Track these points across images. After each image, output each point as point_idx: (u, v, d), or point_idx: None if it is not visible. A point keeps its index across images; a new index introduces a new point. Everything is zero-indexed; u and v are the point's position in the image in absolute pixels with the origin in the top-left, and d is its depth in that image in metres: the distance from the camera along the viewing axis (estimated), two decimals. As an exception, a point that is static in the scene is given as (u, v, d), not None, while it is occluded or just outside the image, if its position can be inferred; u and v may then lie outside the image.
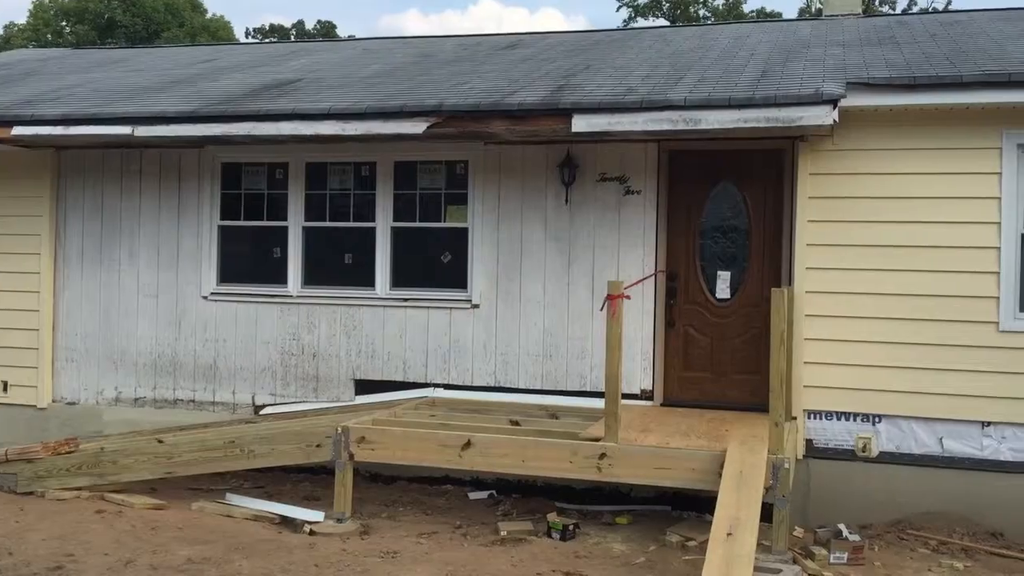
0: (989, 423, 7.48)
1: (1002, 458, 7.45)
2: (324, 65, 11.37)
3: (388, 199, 9.23)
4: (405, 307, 9.11)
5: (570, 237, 8.77)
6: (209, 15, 43.76)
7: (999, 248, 7.45)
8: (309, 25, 48.01)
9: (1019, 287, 7.44)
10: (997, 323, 7.45)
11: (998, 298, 7.44)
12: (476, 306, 8.93)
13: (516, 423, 7.90)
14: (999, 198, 7.47)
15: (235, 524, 7.37)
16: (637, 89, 8.24)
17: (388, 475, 8.65)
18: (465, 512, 7.80)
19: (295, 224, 9.44)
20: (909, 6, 28.09)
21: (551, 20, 47.08)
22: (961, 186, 7.55)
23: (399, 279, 9.19)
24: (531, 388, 8.75)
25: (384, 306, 9.16)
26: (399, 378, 9.07)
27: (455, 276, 9.05)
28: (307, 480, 8.68)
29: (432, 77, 9.86)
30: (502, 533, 7.06)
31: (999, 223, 7.46)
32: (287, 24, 48.29)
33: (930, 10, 25.11)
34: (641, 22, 30.06)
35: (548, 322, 8.78)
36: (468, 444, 7.11)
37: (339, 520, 7.29)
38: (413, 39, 14.07)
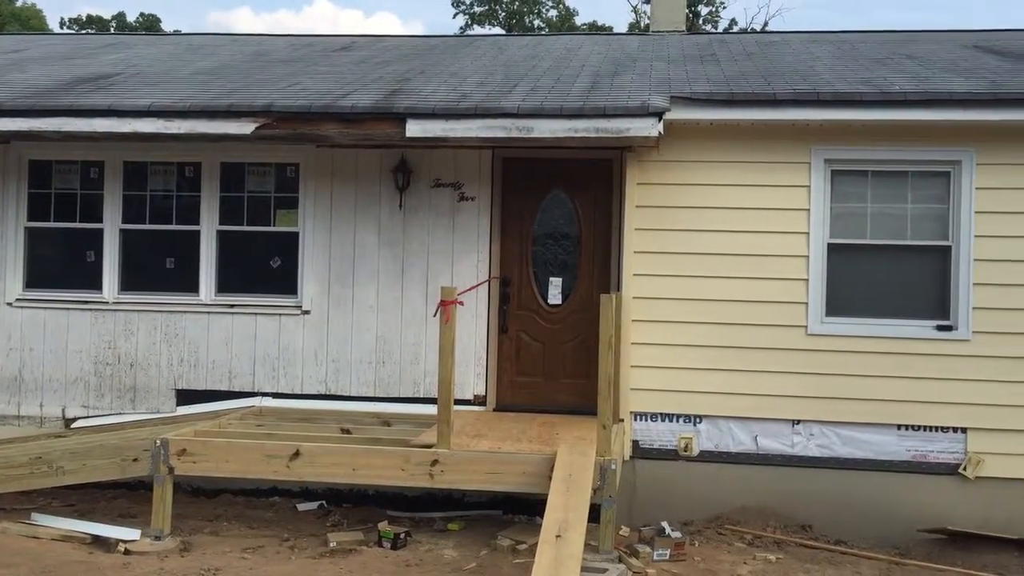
0: (799, 421, 7.94)
1: (811, 454, 7.92)
2: (145, 60, 10.83)
3: (214, 201, 8.87)
4: (232, 314, 8.77)
5: (404, 242, 8.70)
6: (20, 3, 40.91)
7: (808, 257, 7.92)
8: (131, 17, 45.69)
9: (826, 293, 7.93)
10: (806, 327, 7.91)
11: (807, 303, 7.92)
12: (307, 312, 8.71)
13: (347, 431, 7.75)
14: (808, 210, 7.94)
15: (41, 546, 6.87)
16: (472, 96, 8.28)
17: (212, 489, 8.30)
18: (293, 524, 7.58)
19: (111, 226, 8.93)
20: (730, 25, 29.61)
21: (387, 24, 46.82)
22: (774, 198, 7.98)
23: (226, 285, 8.86)
24: (364, 395, 8.62)
25: (209, 313, 8.80)
26: (225, 387, 8.73)
27: (285, 281, 8.80)
28: (124, 496, 8.21)
29: (262, 77, 9.56)
30: (331, 544, 6.90)
31: (808, 233, 7.93)
32: (106, 16, 45.78)
33: (748, 30, 26.55)
34: (477, 30, 30.32)
35: (382, 328, 8.67)
36: (296, 454, 6.91)
37: (157, 537, 6.92)
38: (243, 37, 13.62)
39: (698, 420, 8.05)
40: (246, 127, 7.90)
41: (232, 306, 8.78)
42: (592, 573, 6.11)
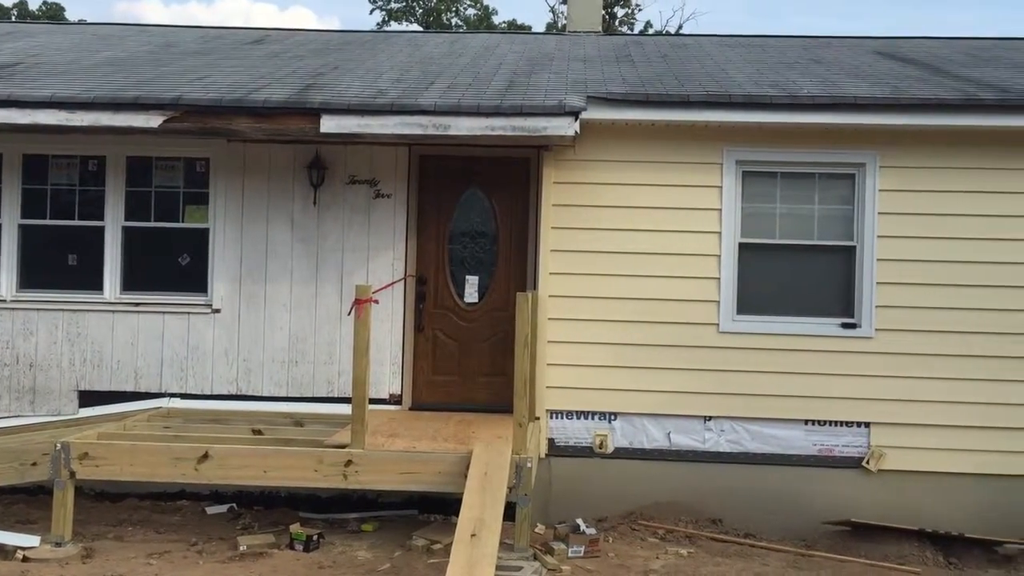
0: (710, 417, 8.08)
1: (722, 449, 8.08)
2: (48, 49, 10.43)
3: (119, 196, 8.60)
4: (138, 312, 8.51)
5: (319, 240, 8.57)
6: (-87, -13, 39.00)
7: (719, 256, 8.07)
8: (33, 6, 43.98)
9: (737, 291, 8.10)
10: (718, 325, 8.06)
11: (719, 302, 8.06)
12: (217, 311, 8.50)
13: (259, 432, 7.59)
14: (720, 209, 8.09)
15: (-68, 556, 6.55)
16: (388, 92, 8.19)
17: (117, 493, 8.04)
18: (202, 528, 7.39)
19: (9, 221, 8.58)
20: (645, 28, 30.01)
21: (302, 19, 46.09)
22: (688, 198, 8.11)
23: (132, 282, 8.59)
24: (276, 395, 8.46)
25: (114, 311, 8.52)
26: (130, 388, 8.46)
27: (195, 279, 8.58)
28: (23, 502, 7.88)
29: (171, 69, 9.30)
30: (242, 548, 6.75)
31: (720, 232, 8.08)
32: (7, 3, 43.97)
33: (663, 32, 26.97)
34: (394, 26, 30.09)
35: (295, 327, 8.52)
36: (205, 456, 6.74)
37: (58, 544, 6.67)
38: (152, 28, 13.25)
39: (613, 417, 8.13)
40: (153, 120, 7.67)
41: (138, 304, 8.52)
42: (507, 571, 6.11)
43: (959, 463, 7.89)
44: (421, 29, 28.34)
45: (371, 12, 31.33)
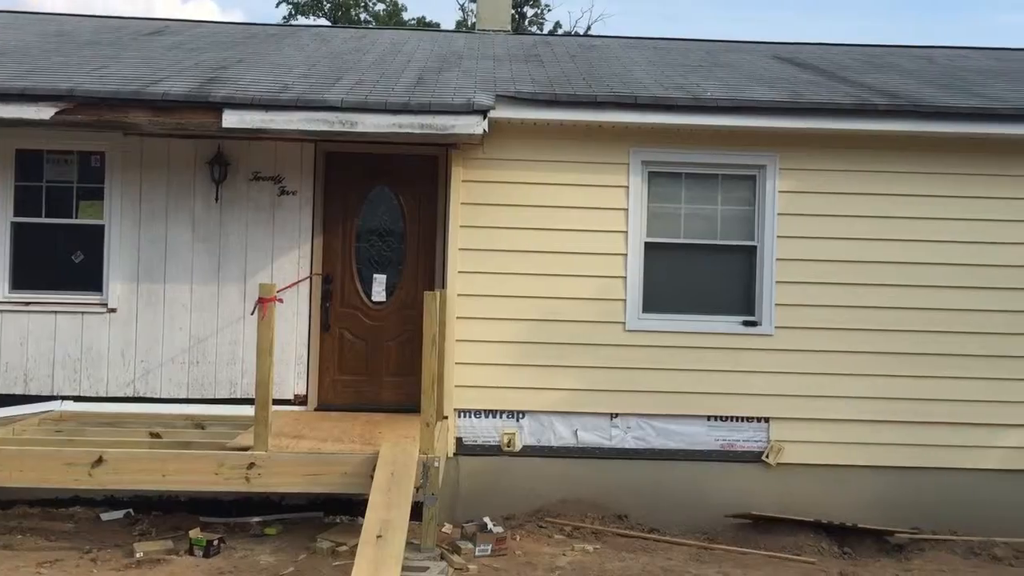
0: (617, 415, 8.18)
1: (627, 446, 8.19)
2: (-70, 34, 9.92)
3: (8, 191, 8.24)
4: (28, 312, 8.17)
5: (221, 237, 8.37)
6: None
7: (626, 255, 8.17)
8: (-82, -11, 41.77)
9: (643, 290, 8.21)
10: (624, 323, 8.17)
11: (625, 300, 8.17)
12: (113, 310, 8.22)
13: (157, 435, 7.36)
14: (626, 209, 8.19)
15: None
16: (293, 87, 8.04)
17: (5, 500, 7.67)
18: (97, 535, 7.13)
19: None
20: (554, 28, 30.23)
21: (205, 11, 44.81)
22: (595, 197, 8.18)
23: (21, 280, 8.24)
24: (176, 397, 8.23)
25: (2, 311, 8.15)
26: (20, 391, 8.13)
27: (89, 278, 8.28)
28: (-98, 512, 7.48)
29: (65, 59, 8.96)
30: (138, 555, 6.53)
31: (626, 232, 8.18)
32: None
33: (572, 33, 27.21)
34: (301, 20, 29.58)
35: (196, 327, 8.30)
36: (100, 461, 6.49)
37: (-60, 556, 6.35)
38: (46, 16, 12.74)
39: (521, 416, 8.16)
40: (44, 112, 7.36)
41: (28, 303, 8.18)
42: (413, 572, 6.07)
43: (854, 456, 8.17)
44: (329, 24, 27.93)
45: (277, 5, 30.69)
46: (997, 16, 48.75)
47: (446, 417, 7.90)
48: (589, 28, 29.71)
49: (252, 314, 6.95)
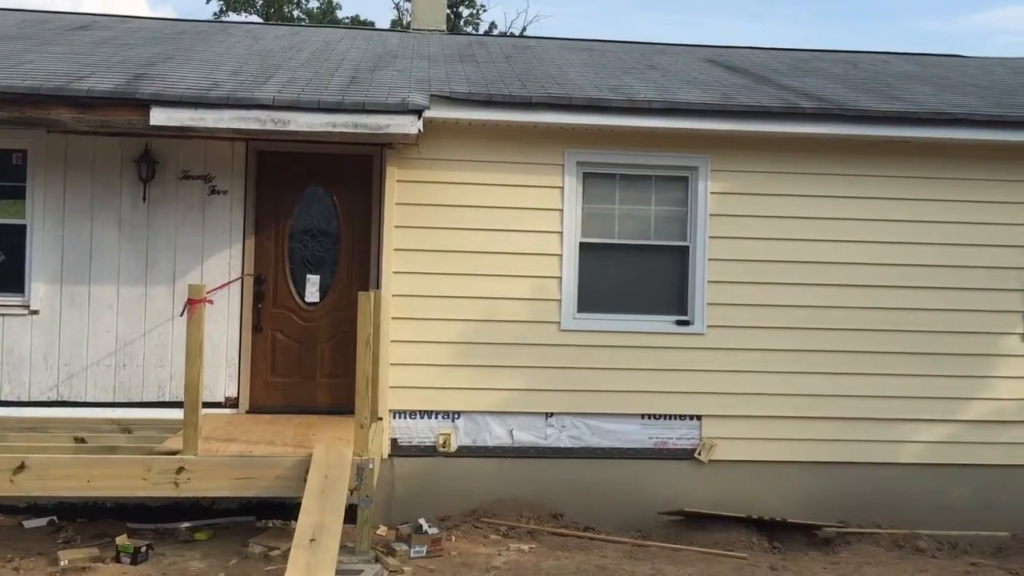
0: (552, 414, 8.22)
1: (563, 445, 8.23)
2: None
3: (-77, 188, 7.95)
4: (-55, 314, 7.89)
5: (149, 238, 8.19)
6: None
7: (561, 255, 8.21)
8: None
9: (578, 290, 8.26)
10: (559, 323, 8.21)
11: (560, 300, 8.21)
12: (35, 312, 7.99)
13: (82, 440, 7.16)
14: (561, 210, 8.23)
15: None
16: (224, 84, 7.90)
17: (-79, 510, 7.42)
18: (20, 543, 6.90)
19: None
20: (490, 28, 30.24)
21: (134, 6, 43.79)
22: (530, 198, 8.21)
23: (-63, 282, 7.96)
24: (102, 401, 8.04)
25: (-83, 313, 7.87)
26: (-63, 396, 7.85)
27: (10, 279, 8.05)
28: None
29: (-15, 52, 8.66)
30: (63, 563, 6.35)
31: (561, 232, 8.22)
32: None
33: (508, 34, 27.27)
34: (233, 17, 29.09)
35: (123, 329, 8.11)
36: (22, 467, 6.28)
37: None
38: (-37, 8, 12.28)
39: (456, 416, 8.14)
40: (-38, 107, 7.11)
41: (-54, 306, 7.90)
42: (347, 575, 6.01)
43: (783, 452, 8.33)
44: (261, 21, 27.54)
45: (208, 1, 30.17)
46: (917, 23, 50.31)
47: (381, 418, 7.85)
48: (524, 29, 29.80)
49: (181, 315, 6.82)
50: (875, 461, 8.38)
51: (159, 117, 7.27)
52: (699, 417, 8.31)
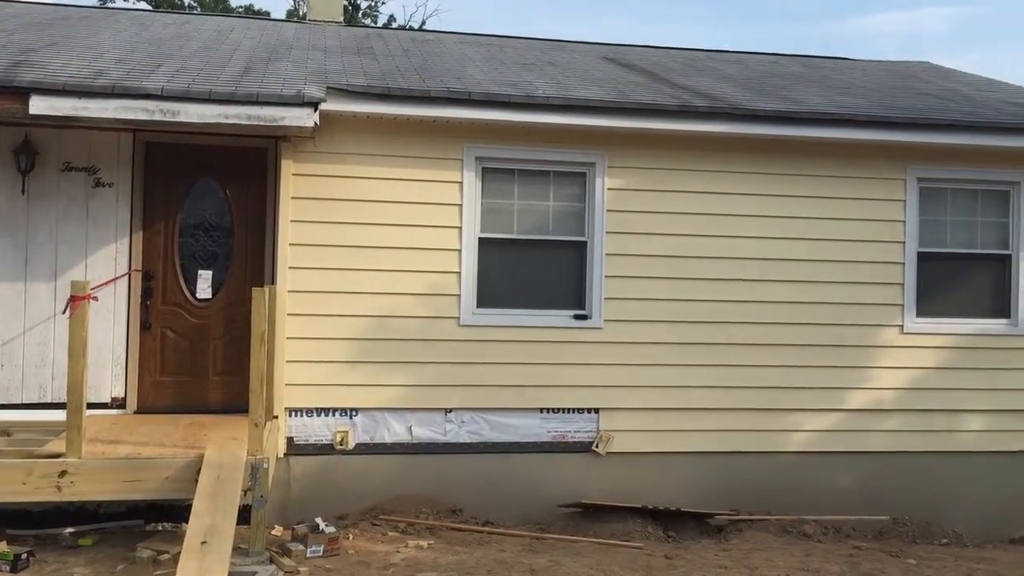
0: (451, 409, 8.20)
1: (462, 440, 8.22)
2: None
3: None
4: None
5: (28, 231, 7.84)
6: None
7: (460, 250, 8.19)
8: None
9: (477, 285, 8.26)
10: (458, 318, 8.19)
11: (459, 295, 8.19)
12: (-96, 310, 7.55)
13: (-44, 445, 6.81)
14: (460, 205, 8.21)
15: None
16: (109, 73, 7.61)
17: None
18: None
19: None
20: (388, 21, 29.94)
21: (16, -12, 41.68)
22: (429, 193, 8.16)
23: None
24: (-22, 403, 7.64)
25: None
26: None
27: None
28: None
29: None
30: (-65, 575, 6.03)
31: (460, 227, 8.21)
32: None
33: (407, 27, 27.05)
34: (119, 3, 28.04)
35: (1, 327, 7.72)
36: None
37: None
38: None
39: (354, 413, 8.05)
40: None
41: None
42: (242, 578, 5.88)
43: (676, 443, 8.51)
44: (149, 8, 26.61)
45: (94, -14, 28.91)
46: (810, 28, 52.13)
47: (276, 417, 7.69)
48: (424, 23, 29.62)
49: (64, 313, 6.54)
50: (765, 450, 8.64)
51: (39, 106, 6.95)
52: (597, 410, 8.42)
